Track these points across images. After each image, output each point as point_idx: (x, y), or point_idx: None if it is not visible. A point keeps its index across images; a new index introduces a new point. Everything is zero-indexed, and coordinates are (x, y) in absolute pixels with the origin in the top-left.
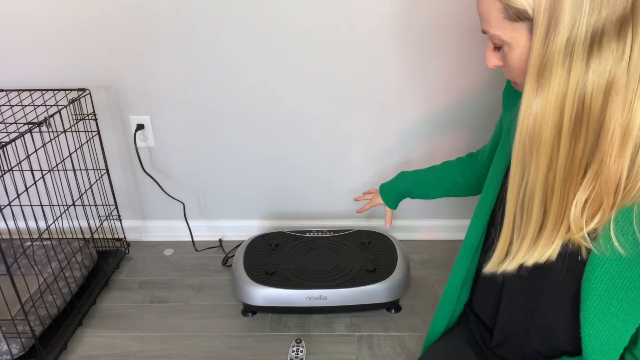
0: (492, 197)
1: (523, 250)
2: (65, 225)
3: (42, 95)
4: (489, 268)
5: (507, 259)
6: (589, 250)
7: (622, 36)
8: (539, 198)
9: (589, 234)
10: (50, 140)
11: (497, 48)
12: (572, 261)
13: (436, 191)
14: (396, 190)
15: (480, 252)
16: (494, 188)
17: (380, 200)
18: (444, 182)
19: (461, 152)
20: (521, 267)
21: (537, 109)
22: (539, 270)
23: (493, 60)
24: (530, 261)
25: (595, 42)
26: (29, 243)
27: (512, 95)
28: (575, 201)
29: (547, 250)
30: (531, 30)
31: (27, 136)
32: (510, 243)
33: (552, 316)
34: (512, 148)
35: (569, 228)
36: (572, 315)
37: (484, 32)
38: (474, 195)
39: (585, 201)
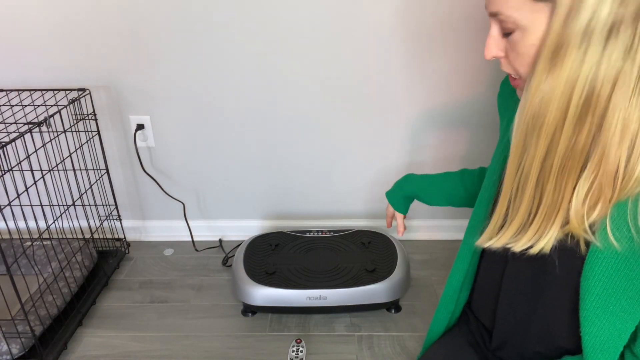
0: (489, 198)
1: (511, 231)
2: (65, 225)
3: (42, 95)
4: (479, 242)
5: (495, 237)
6: (587, 247)
7: (635, 26)
8: (533, 182)
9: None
10: (50, 140)
11: (506, 34)
12: (570, 259)
13: (448, 199)
14: (404, 192)
15: (480, 253)
16: (491, 188)
17: (390, 209)
18: (462, 190)
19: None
20: (519, 258)
21: (545, 89)
22: (538, 269)
23: (493, 49)
24: (517, 246)
25: (614, 28)
26: (29, 243)
27: (507, 100)
28: (576, 192)
29: (538, 239)
30: (552, 12)
31: (27, 136)
32: (503, 222)
33: (552, 317)
34: (514, 128)
35: (567, 220)
36: (572, 316)
37: (494, 14)
38: None
39: (586, 193)
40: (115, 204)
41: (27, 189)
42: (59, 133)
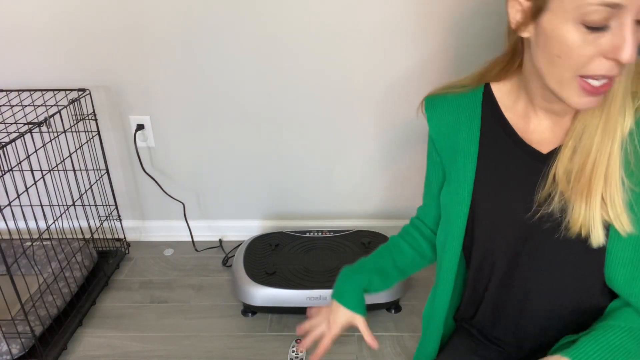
0: (463, 217)
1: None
2: (65, 225)
3: (42, 95)
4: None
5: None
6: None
7: None
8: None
9: None
10: (51, 141)
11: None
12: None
13: (403, 269)
14: (357, 285)
15: (463, 273)
16: (465, 205)
17: (340, 319)
18: (415, 257)
19: None
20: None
21: None
22: (560, 260)
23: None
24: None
25: None
26: (29, 243)
27: (446, 120)
28: None
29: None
30: None
31: (27, 136)
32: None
33: (578, 311)
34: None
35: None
36: (602, 287)
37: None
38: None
39: None
40: (115, 204)
41: (27, 189)
42: (59, 133)
